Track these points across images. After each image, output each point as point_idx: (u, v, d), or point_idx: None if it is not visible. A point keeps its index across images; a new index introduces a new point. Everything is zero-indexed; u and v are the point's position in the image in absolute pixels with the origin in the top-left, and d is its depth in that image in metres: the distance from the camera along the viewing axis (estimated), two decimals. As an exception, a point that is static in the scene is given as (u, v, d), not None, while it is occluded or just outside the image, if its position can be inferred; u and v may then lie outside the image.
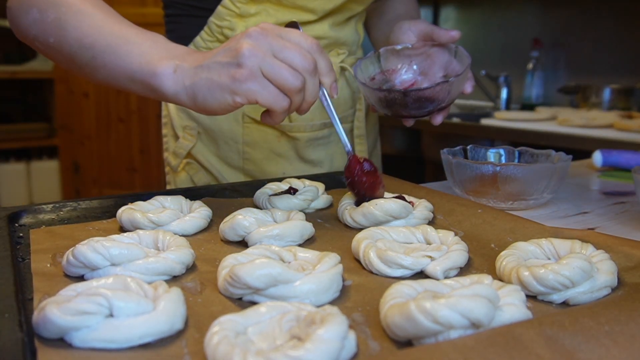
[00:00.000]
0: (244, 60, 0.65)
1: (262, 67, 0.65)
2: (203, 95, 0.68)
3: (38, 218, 0.77)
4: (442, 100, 0.89)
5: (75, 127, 3.52)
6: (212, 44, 1.05)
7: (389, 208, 0.72)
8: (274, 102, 0.67)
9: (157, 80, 0.70)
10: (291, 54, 0.66)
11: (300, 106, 0.70)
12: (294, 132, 1.09)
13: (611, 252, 0.59)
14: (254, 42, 0.66)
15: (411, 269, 0.59)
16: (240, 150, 1.09)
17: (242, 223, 0.67)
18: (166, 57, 0.71)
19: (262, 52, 0.66)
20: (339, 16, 1.06)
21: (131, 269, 0.56)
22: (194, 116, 1.10)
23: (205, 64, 0.68)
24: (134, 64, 0.72)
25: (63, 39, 0.77)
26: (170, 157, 1.15)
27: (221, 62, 0.67)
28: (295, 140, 1.10)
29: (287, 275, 0.51)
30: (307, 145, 1.11)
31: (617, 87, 2.46)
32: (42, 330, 0.45)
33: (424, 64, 0.99)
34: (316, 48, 0.70)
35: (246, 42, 0.66)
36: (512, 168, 0.83)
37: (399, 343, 0.45)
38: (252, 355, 0.39)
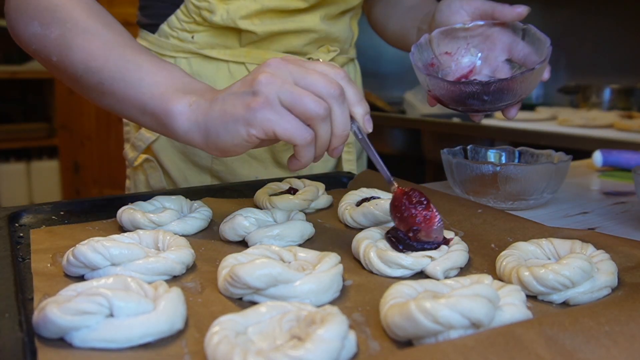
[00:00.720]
0: (260, 87, 0.58)
1: (280, 96, 0.58)
2: (216, 129, 0.61)
3: (38, 218, 0.77)
4: (523, 91, 0.78)
5: (75, 127, 3.52)
6: (188, 25, 0.97)
7: (389, 208, 0.72)
8: (294, 133, 0.59)
9: (170, 116, 0.64)
10: (314, 81, 0.59)
11: (330, 142, 0.61)
12: None
13: (611, 252, 0.59)
14: (273, 70, 0.60)
15: (411, 269, 0.59)
16: None
17: (242, 223, 0.67)
18: (182, 91, 0.65)
19: (281, 79, 0.59)
20: (332, 8, 1.00)
21: (131, 269, 0.56)
22: None
23: (221, 97, 0.62)
24: (146, 95, 0.65)
25: (67, 59, 0.70)
26: (129, 150, 1.05)
27: (236, 92, 0.61)
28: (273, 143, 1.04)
29: (287, 275, 0.51)
30: (285, 149, 1.04)
31: (617, 87, 2.46)
32: (42, 330, 0.45)
33: (482, 46, 0.87)
34: (343, 76, 0.62)
35: (264, 70, 0.60)
36: (512, 168, 0.83)
37: (399, 343, 0.45)
38: (252, 355, 0.39)
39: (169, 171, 1.03)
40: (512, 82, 0.76)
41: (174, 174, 1.03)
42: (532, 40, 0.83)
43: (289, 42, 0.99)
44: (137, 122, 0.69)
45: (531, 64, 0.81)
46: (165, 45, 1.00)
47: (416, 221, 0.62)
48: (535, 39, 0.82)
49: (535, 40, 0.82)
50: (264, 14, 0.95)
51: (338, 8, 1.01)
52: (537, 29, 0.82)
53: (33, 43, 0.72)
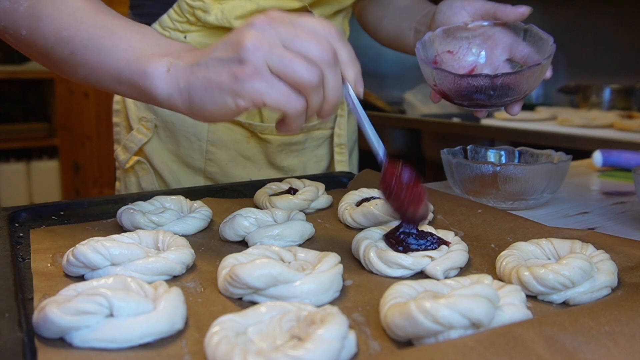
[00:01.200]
0: (246, 54, 0.54)
1: (269, 62, 0.54)
2: (200, 98, 0.57)
3: (38, 218, 0.77)
4: (527, 87, 0.79)
5: (75, 127, 3.52)
6: (181, 24, 0.95)
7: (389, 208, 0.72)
8: (285, 104, 0.55)
9: (148, 81, 0.60)
10: (305, 44, 0.55)
11: (321, 108, 0.58)
12: (266, 134, 1.00)
13: (611, 252, 0.59)
14: (259, 33, 0.55)
15: (411, 269, 0.59)
16: (203, 149, 0.99)
17: (242, 223, 0.67)
18: (158, 54, 0.61)
19: (269, 43, 0.54)
20: (326, 8, 0.99)
21: (131, 269, 0.56)
22: (153, 107, 0.99)
23: (203, 62, 0.57)
24: (121, 61, 0.62)
25: (37, 31, 0.66)
26: (120, 151, 1.03)
27: (220, 58, 0.56)
28: (267, 144, 1.01)
29: (287, 275, 0.51)
30: (279, 150, 1.02)
31: (617, 87, 2.46)
32: (42, 330, 0.45)
33: (484, 46, 0.87)
34: (335, 34, 0.58)
35: (249, 33, 0.55)
36: (512, 168, 0.83)
37: (399, 343, 0.45)
38: (252, 355, 0.39)
39: (161, 173, 1.01)
40: (519, 76, 0.76)
41: (166, 176, 1.01)
42: (534, 40, 0.83)
43: None
44: (114, 91, 0.65)
45: (532, 63, 0.82)
46: None
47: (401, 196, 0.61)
48: (537, 38, 0.83)
49: (538, 39, 0.82)
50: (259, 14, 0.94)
51: (332, 8, 1.00)
52: (539, 28, 0.82)
53: (2, 20, 0.68)
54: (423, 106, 2.69)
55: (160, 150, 1.00)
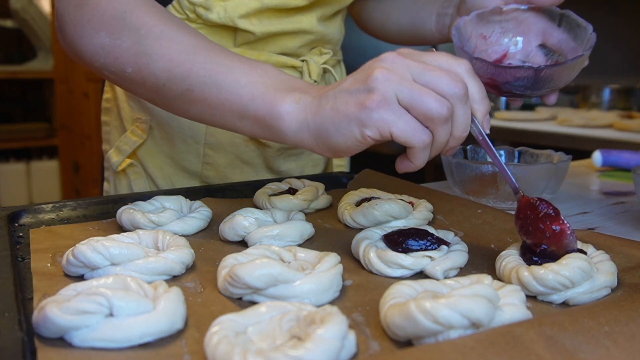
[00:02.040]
0: (375, 84, 0.54)
1: (398, 93, 0.54)
2: (327, 129, 0.56)
3: (38, 218, 0.77)
4: (567, 78, 0.76)
5: (75, 127, 3.52)
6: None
7: (389, 208, 0.72)
8: (412, 136, 0.54)
9: (277, 117, 0.59)
10: (436, 78, 0.54)
11: (447, 143, 0.57)
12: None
13: (611, 252, 0.59)
14: (389, 65, 0.55)
15: (411, 269, 0.59)
16: (200, 153, 0.96)
17: (242, 223, 0.67)
18: (285, 90, 0.60)
19: (399, 75, 0.54)
20: (327, 9, 0.97)
21: (131, 269, 0.56)
22: (148, 107, 0.95)
23: (332, 94, 0.57)
24: (244, 97, 0.60)
25: (146, 69, 0.64)
26: (113, 153, 0.99)
27: (349, 90, 0.56)
28: (266, 148, 0.98)
29: (287, 275, 0.51)
30: (277, 155, 1.00)
31: (617, 87, 2.46)
32: (42, 330, 0.45)
33: (515, 31, 0.84)
34: (467, 70, 0.57)
35: (379, 65, 0.55)
36: (512, 168, 0.83)
37: (399, 343, 0.45)
38: (252, 354, 0.39)
39: (154, 177, 0.99)
40: (561, 68, 0.74)
41: (160, 180, 0.98)
42: (571, 27, 0.80)
43: (284, 44, 0.96)
44: (232, 128, 0.64)
45: (568, 50, 0.80)
46: None
47: (545, 236, 0.57)
48: (574, 25, 0.80)
49: (575, 26, 0.80)
50: (262, 13, 0.92)
51: (333, 8, 0.98)
52: (577, 15, 0.79)
53: (101, 57, 0.66)
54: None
55: (155, 153, 0.98)
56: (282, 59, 0.96)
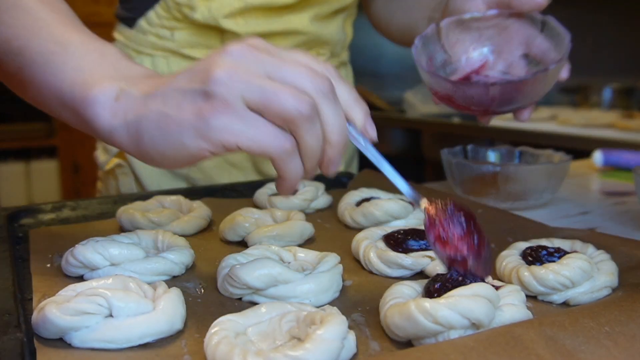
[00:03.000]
0: (215, 87, 0.43)
1: (245, 95, 0.43)
2: (151, 136, 0.46)
3: (38, 218, 0.76)
4: (535, 93, 0.69)
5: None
6: (167, 21, 0.92)
7: (389, 208, 0.72)
8: (268, 143, 0.44)
9: (89, 108, 0.49)
10: (294, 74, 0.45)
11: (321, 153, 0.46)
12: None
13: (612, 252, 0.59)
14: (234, 61, 0.44)
15: (411, 269, 0.59)
16: None
17: (242, 223, 0.67)
18: (110, 78, 0.50)
19: (247, 73, 0.44)
20: (323, 7, 0.95)
21: (131, 269, 0.56)
22: None
23: (159, 92, 0.46)
24: (65, 82, 0.51)
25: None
26: (100, 153, 0.98)
27: (182, 89, 0.45)
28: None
29: (287, 275, 0.51)
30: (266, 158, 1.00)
31: (618, 87, 2.47)
32: (41, 330, 0.45)
33: (497, 39, 0.77)
34: (332, 71, 0.48)
35: (222, 60, 0.44)
36: (512, 168, 0.83)
37: (399, 343, 0.45)
38: (252, 355, 0.39)
39: (141, 177, 0.96)
40: (521, 84, 0.68)
41: (146, 181, 0.96)
42: (552, 35, 0.75)
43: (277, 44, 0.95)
44: (60, 118, 0.55)
45: (550, 61, 0.73)
46: (143, 42, 0.95)
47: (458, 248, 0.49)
48: (554, 33, 0.74)
49: (555, 34, 0.74)
50: (248, 12, 0.90)
51: (330, 7, 0.96)
52: (558, 22, 0.74)
53: None
54: (423, 106, 2.69)
55: None
56: None
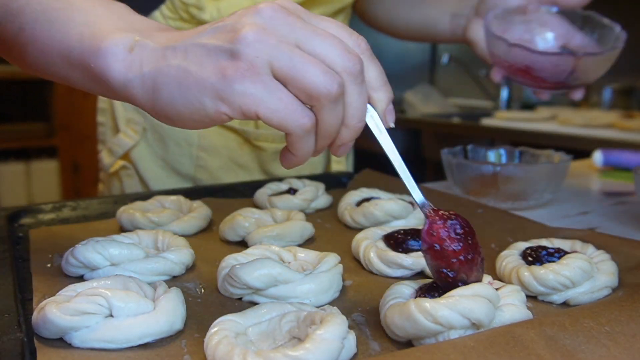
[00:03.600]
0: (242, 47, 0.41)
1: (272, 61, 0.41)
2: (169, 93, 0.43)
3: (38, 218, 0.77)
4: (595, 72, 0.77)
5: (75, 127, 3.52)
6: (173, 22, 0.90)
7: (389, 208, 0.72)
8: (286, 117, 0.42)
9: (101, 60, 0.45)
10: (326, 46, 0.42)
11: (336, 134, 0.44)
12: (260, 141, 0.96)
13: (612, 252, 0.59)
14: (265, 22, 0.42)
15: (411, 269, 0.59)
16: (193, 155, 0.95)
17: (242, 223, 0.67)
18: (121, 29, 0.47)
19: (276, 37, 0.41)
20: (327, 7, 0.96)
21: (131, 269, 0.56)
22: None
23: (181, 45, 0.43)
24: (73, 37, 0.47)
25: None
26: (105, 155, 0.97)
27: (206, 45, 0.42)
28: (260, 151, 0.97)
29: (287, 275, 0.51)
30: (273, 158, 0.98)
31: (618, 87, 2.46)
32: (41, 330, 0.45)
33: (539, 31, 0.83)
34: (365, 47, 0.45)
35: (252, 19, 0.42)
36: (512, 168, 0.83)
37: (399, 343, 0.45)
38: (252, 355, 0.39)
39: (146, 179, 0.96)
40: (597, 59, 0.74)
41: (152, 182, 0.96)
42: (594, 28, 0.80)
43: None
44: (67, 79, 0.51)
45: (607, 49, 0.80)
46: None
47: (451, 262, 0.46)
48: (599, 26, 0.80)
49: (599, 27, 0.80)
50: None
51: (333, 7, 0.97)
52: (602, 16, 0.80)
53: None
54: (423, 106, 2.69)
55: (148, 155, 0.95)
56: None
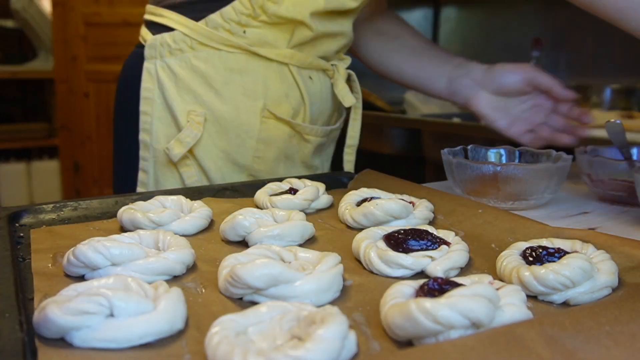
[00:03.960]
0: None
1: None
2: None
3: (38, 218, 0.77)
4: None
5: (76, 127, 3.52)
6: (244, 17, 0.94)
7: (389, 208, 0.72)
8: None
9: None
10: None
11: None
12: (307, 134, 1.04)
13: (612, 252, 0.59)
14: None
15: (411, 269, 0.59)
16: (253, 147, 0.99)
17: (243, 223, 0.67)
18: None
19: None
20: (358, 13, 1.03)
21: (132, 269, 0.56)
22: (204, 100, 0.97)
23: None
24: None
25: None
26: (175, 145, 0.96)
27: None
28: (306, 144, 1.05)
29: (288, 275, 0.51)
30: (314, 150, 1.07)
31: (618, 87, 2.46)
32: (42, 330, 0.45)
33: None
34: None
35: None
36: (512, 168, 0.83)
37: (399, 343, 0.45)
38: (253, 355, 0.39)
39: (207, 170, 0.99)
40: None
41: (213, 173, 0.99)
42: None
43: (328, 46, 1.02)
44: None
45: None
46: (212, 36, 0.95)
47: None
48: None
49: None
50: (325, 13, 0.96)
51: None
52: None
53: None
54: (423, 106, 2.69)
55: (208, 146, 0.98)
56: (321, 63, 1.02)
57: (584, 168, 0.91)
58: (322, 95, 1.05)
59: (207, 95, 0.97)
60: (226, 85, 0.96)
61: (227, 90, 0.97)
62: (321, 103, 1.05)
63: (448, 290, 0.46)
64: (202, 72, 0.96)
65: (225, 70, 0.96)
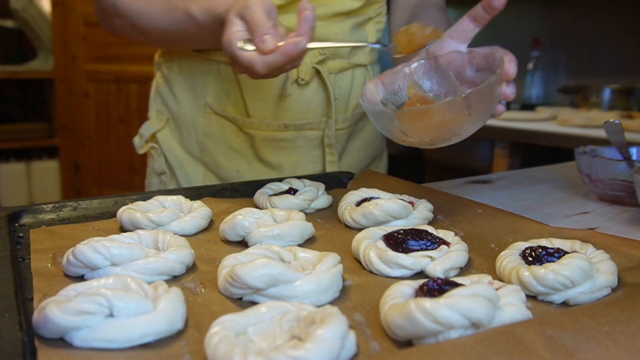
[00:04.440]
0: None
1: None
2: None
3: (38, 218, 0.77)
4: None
5: (76, 127, 3.52)
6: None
7: (389, 208, 0.72)
8: None
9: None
10: None
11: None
12: (247, 128, 1.06)
13: (611, 252, 0.59)
14: None
15: (411, 269, 0.59)
16: (199, 141, 1.09)
17: (242, 223, 0.67)
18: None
19: None
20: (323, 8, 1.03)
21: (131, 269, 0.56)
22: (165, 102, 1.12)
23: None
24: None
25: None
26: (136, 138, 1.16)
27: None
28: (251, 138, 1.06)
29: (288, 275, 0.51)
30: (264, 145, 1.06)
31: (618, 87, 2.46)
32: (42, 330, 0.45)
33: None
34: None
35: None
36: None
37: (399, 343, 0.45)
38: (252, 354, 0.39)
39: (169, 159, 1.12)
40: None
41: (173, 162, 1.12)
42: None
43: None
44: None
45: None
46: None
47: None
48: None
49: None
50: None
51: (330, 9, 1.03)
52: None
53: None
54: (423, 106, 2.69)
55: (169, 139, 1.13)
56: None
57: (583, 168, 0.91)
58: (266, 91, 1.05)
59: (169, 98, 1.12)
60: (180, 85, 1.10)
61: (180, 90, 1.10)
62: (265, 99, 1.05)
63: (448, 290, 0.46)
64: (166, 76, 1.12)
65: (179, 74, 1.10)
